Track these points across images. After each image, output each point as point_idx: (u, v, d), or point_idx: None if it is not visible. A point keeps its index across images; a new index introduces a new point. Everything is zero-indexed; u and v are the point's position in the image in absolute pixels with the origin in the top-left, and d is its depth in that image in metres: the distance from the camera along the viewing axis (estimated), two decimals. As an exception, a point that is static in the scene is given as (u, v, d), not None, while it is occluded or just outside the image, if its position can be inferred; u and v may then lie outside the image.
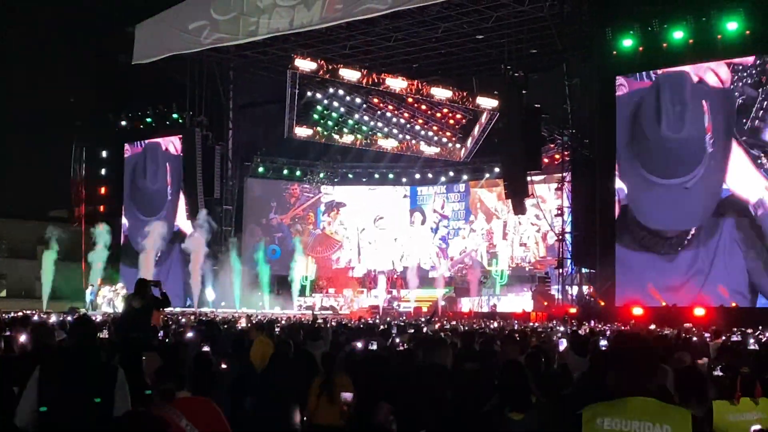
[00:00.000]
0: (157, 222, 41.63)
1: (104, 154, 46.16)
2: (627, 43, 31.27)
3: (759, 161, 28.95)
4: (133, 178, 45.25)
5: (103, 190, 45.94)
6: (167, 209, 43.39)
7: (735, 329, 20.72)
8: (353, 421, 7.09)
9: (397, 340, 12.27)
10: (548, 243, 41.18)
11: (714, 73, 30.02)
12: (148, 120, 43.75)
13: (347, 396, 7.34)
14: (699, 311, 27.36)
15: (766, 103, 29.01)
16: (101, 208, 45.21)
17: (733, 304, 28.07)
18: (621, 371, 4.04)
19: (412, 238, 46.58)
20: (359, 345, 10.84)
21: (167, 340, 11.04)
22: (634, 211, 31.58)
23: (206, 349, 9.57)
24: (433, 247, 46.24)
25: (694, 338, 16.18)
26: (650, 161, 31.06)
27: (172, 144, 43.15)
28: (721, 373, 6.48)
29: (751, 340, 12.80)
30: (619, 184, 32.08)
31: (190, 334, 10.17)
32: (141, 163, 44.91)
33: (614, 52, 31.72)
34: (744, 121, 29.27)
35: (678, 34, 30.11)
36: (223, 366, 8.89)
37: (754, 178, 29.02)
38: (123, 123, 44.54)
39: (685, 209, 30.02)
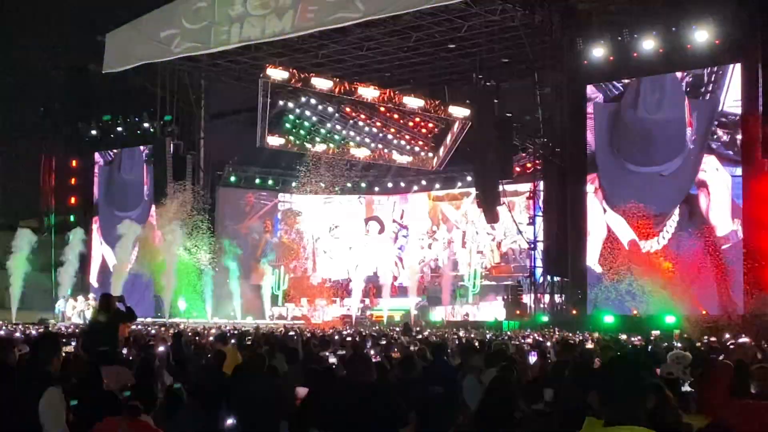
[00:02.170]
0: (129, 222, 41.01)
1: (74, 163, 45.79)
2: (598, 52, 31.51)
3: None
4: (108, 175, 45.00)
5: (73, 200, 45.56)
6: (143, 208, 43.00)
7: (705, 338, 20.88)
8: None
9: (372, 351, 12.20)
10: (502, 251, 42.45)
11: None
12: (119, 129, 43.47)
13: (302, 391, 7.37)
14: (669, 319, 27.51)
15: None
16: (71, 217, 44.82)
17: (704, 312, 28.24)
18: (609, 398, 3.93)
19: (368, 247, 46.50)
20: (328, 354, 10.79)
21: (131, 357, 10.95)
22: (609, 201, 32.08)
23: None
24: (392, 257, 46.21)
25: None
26: (627, 147, 31.66)
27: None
28: (690, 389, 6.45)
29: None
30: (590, 191, 32.43)
31: (161, 348, 10.06)
32: (117, 160, 44.68)
33: (585, 62, 31.98)
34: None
35: (648, 44, 30.40)
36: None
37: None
38: (93, 132, 44.21)
39: (659, 196, 30.56)
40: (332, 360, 8.25)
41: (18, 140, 42.51)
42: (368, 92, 38.73)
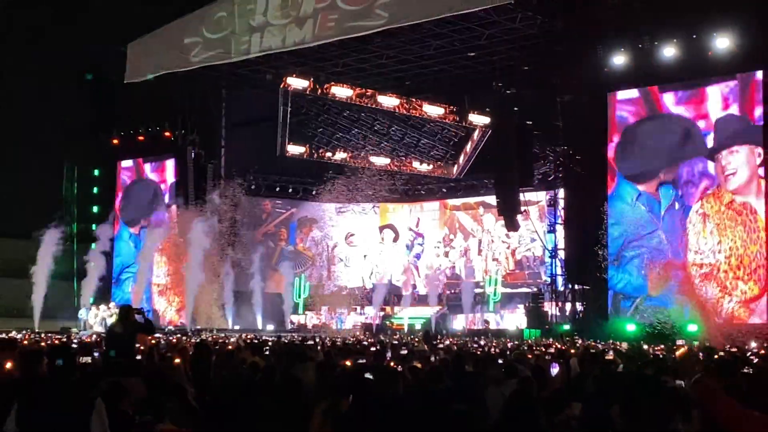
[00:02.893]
0: (151, 229, 41.58)
1: (96, 172, 46.11)
2: (618, 60, 31.39)
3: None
4: (127, 178, 45.67)
5: (95, 209, 45.83)
6: (161, 209, 43.44)
7: (728, 346, 20.71)
8: None
9: (392, 363, 12.12)
10: (516, 258, 42.61)
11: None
12: (141, 138, 43.71)
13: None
14: (692, 327, 27.31)
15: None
16: (93, 226, 45.04)
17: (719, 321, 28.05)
18: (632, 414, 3.89)
19: (382, 255, 46.57)
20: (348, 364, 10.73)
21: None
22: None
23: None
24: (409, 265, 46.24)
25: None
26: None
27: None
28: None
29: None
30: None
31: (177, 360, 10.05)
32: (136, 165, 45.38)
33: (605, 69, 31.85)
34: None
35: (669, 51, 30.25)
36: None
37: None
38: (115, 141, 44.50)
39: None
40: (368, 375, 8.20)
41: (40, 149, 42.77)
42: (388, 100, 38.80)
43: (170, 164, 43.32)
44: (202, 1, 35.66)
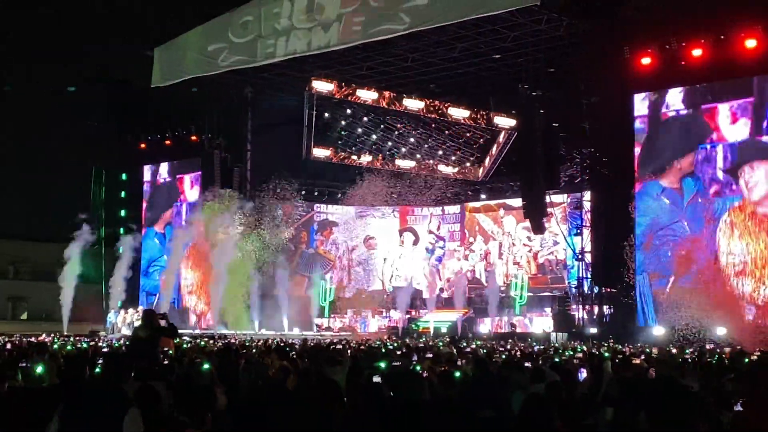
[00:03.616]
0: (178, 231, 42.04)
1: (124, 176, 46.48)
2: (645, 61, 31.17)
3: None
4: (152, 183, 46.26)
5: (123, 213, 46.19)
6: (182, 214, 43.91)
7: (758, 349, 20.49)
8: None
9: (418, 368, 12.09)
10: (538, 262, 42.52)
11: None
12: (167, 143, 43.99)
13: None
14: (720, 330, 27.05)
15: None
16: (121, 230, 45.40)
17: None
18: (659, 421, 3.86)
19: (403, 259, 46.54)
20: (382, 365, 10.70)
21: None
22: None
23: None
24: (429, 268, 46.17)
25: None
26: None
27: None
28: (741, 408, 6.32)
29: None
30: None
31: (206, 366, 10.03)
32: (160, 169, 45.97)
33: (632, 70, 31.64)
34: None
35: (696, 52, 30.00)
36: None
37: None
38: (142, 146, 44.82)
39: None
40: (376, 379, 8.15)
41: (69, 154, 43.13)
42: (413, 103, 38.75)
43: (187, 179, 43.88)
44: (228, 4, 35.79)
